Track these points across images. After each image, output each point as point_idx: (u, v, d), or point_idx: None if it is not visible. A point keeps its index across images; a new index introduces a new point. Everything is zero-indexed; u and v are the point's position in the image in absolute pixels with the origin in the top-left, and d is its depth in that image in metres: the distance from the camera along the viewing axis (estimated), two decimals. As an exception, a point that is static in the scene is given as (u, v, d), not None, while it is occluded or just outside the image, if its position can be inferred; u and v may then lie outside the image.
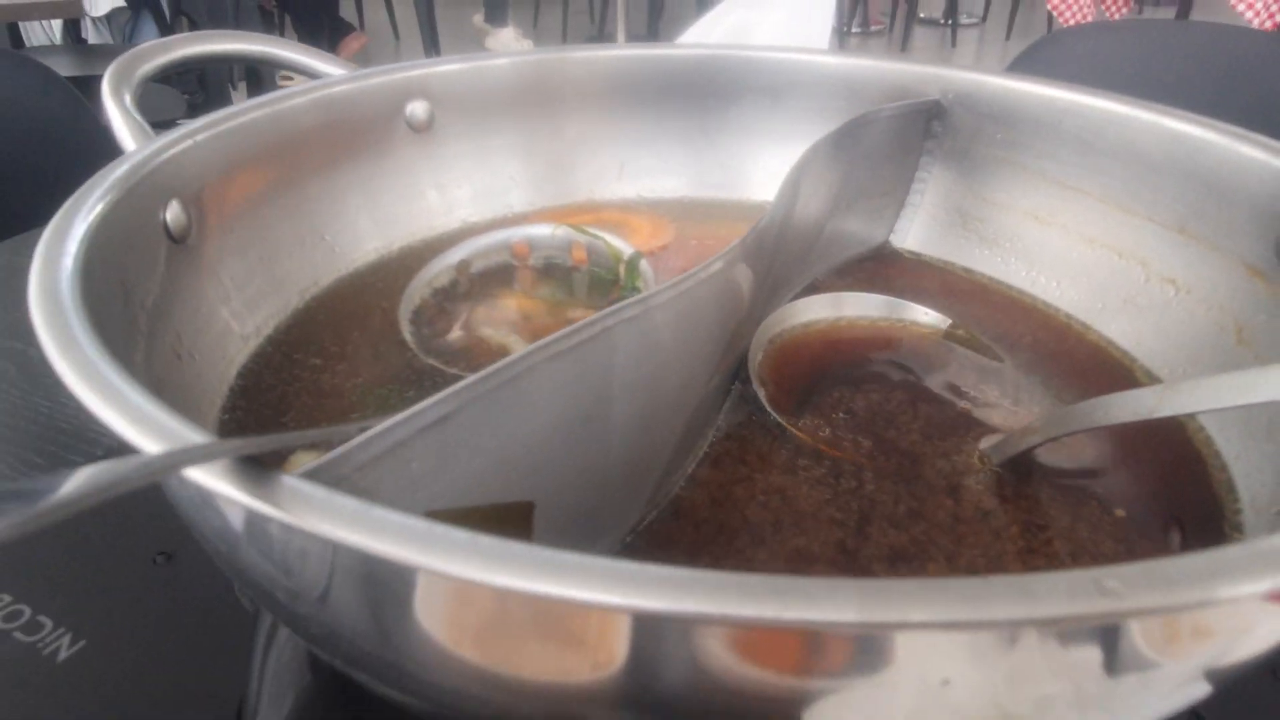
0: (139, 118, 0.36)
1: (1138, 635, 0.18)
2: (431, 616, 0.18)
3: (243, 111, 0.37)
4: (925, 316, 0.40)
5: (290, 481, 0.16)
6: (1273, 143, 0.34)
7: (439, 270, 0.41)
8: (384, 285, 0.42)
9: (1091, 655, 0.18)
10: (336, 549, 0.16)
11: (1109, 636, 0.17)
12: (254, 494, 0.15)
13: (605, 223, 0.47)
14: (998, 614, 0.14)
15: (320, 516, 0.15)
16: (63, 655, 0.28)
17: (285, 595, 0.20)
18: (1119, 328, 0.39)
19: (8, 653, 0.28)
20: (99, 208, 0.28)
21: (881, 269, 0.46)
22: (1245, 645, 0.20)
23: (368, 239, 0.43)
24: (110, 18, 2.68)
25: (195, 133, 0.34)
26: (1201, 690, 0.21)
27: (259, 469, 0.16)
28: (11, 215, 0.83)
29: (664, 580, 0.14)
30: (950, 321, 0.40)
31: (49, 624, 0.29)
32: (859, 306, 0.40)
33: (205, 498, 0.18)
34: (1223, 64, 1.00)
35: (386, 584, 0.17)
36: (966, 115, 0.45)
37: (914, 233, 0.48)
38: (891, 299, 0.40)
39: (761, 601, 0.14)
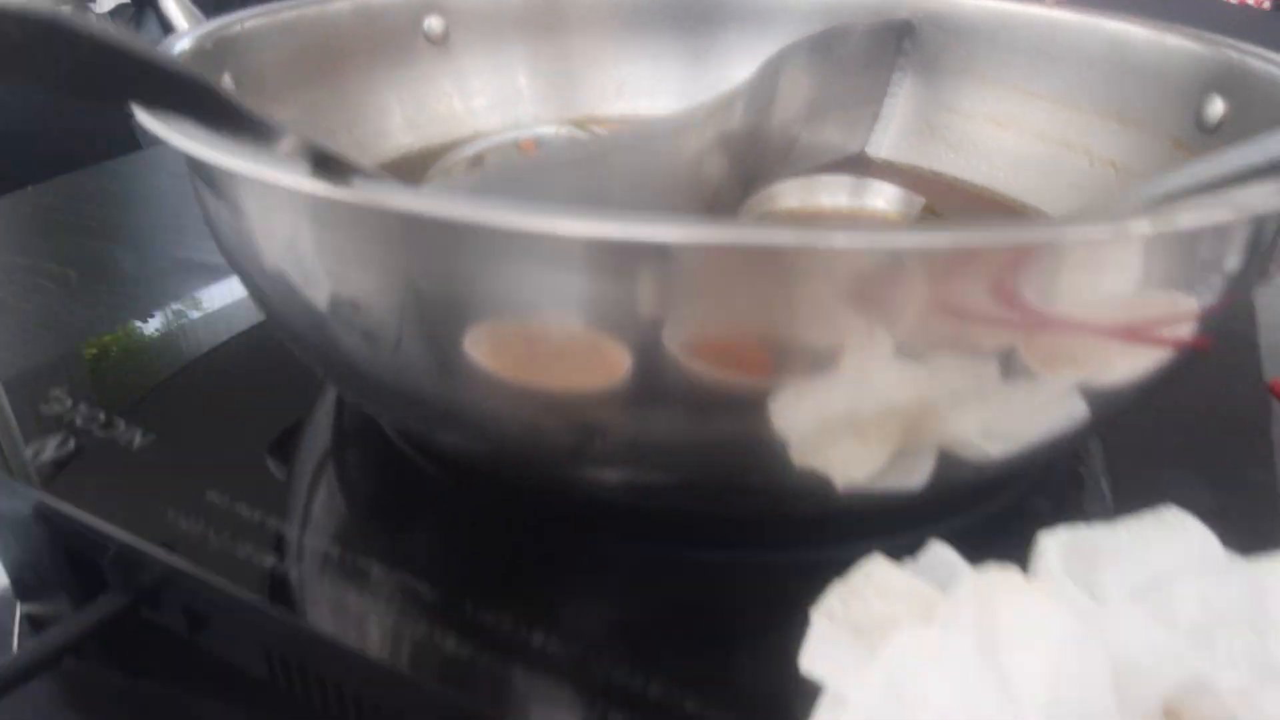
0: (189, 3, 0.40)
1: (1023, 351, 0.23)
2: (479, 343, 0.23)
3: (290, 7, 0.41)
4: (897, 202, 0.45)
5: (361, 178, 0.20)
6: (1190, 30, 0.39)
7: (456, 160, 0.46)
8: (408, 176, 0.46)
9: (988, 362, 0.23)
10: (409, 236, 0.20)
11: (1002, 351, 0.22)
12: (332, 181, 0.20)
13: (605, 134, 0.51)
14: (902, 243, 0.18)
15: (396, 197, 0.20)
16: (137, 443, 0.33)
17: (359, 346, 0.25)
18: (1067, 208, 0.44)
19: (90, 443, 0.33)
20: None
21: (855, 171, 0.51)
22: (1109, 371, 0.25)
23: (393, 138, 0.48)
24: (115, 14, 2.73)
25: (244, 19, 0.39)
26: (1081, 410, 0.25)
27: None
28: (28, 172, 0.88)
29: (651, 219, 0.19)
30: (924, 200, 0.44)
31: (122, 423, 0.34)
32: (835, 187, 0.44)
33: (285, 204, 0.22)
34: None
35: (449, 295, 0.21)
36: (935, 32, 0.50)
37: (886, 143, 0.53)
38: (866, 179, 0.45)
39: (724, 230, 0.18)
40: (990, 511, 0.31)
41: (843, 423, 0.24)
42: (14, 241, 0.71)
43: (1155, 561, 0.24)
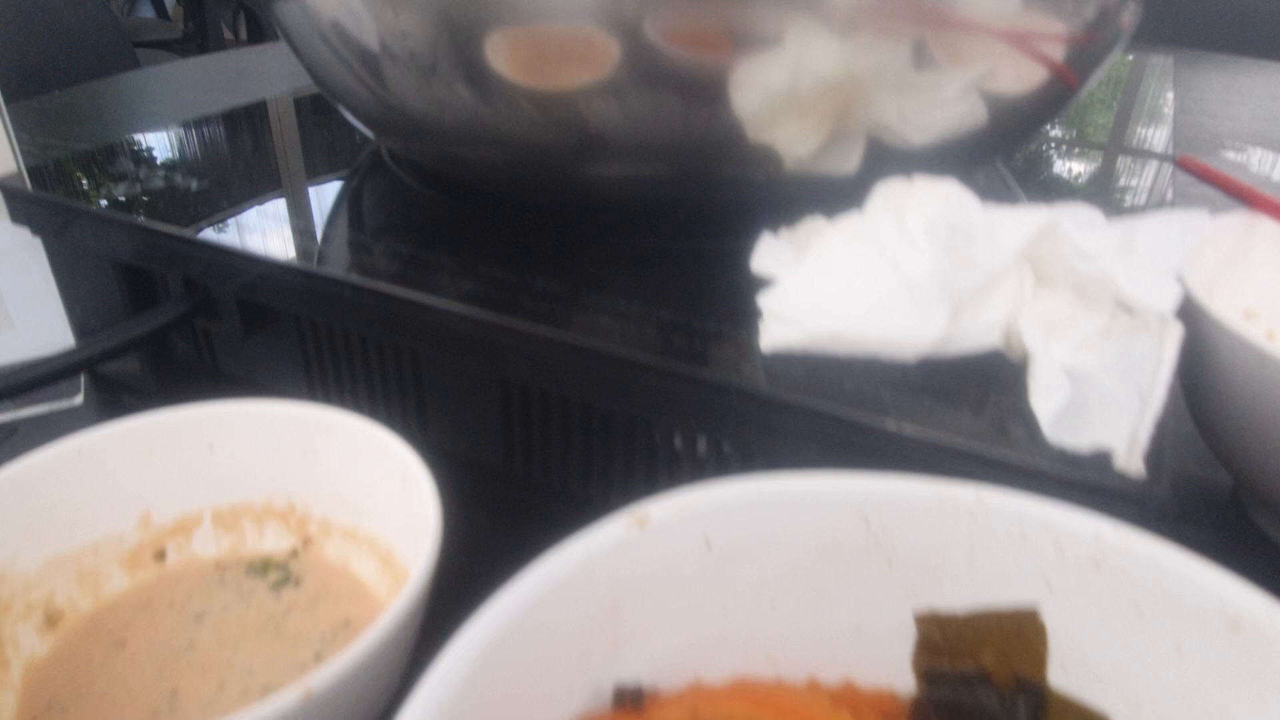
0: None
1: (933, 47, 0.28)
2: (498, 50, 0.28)
3: None
4: None
5: None
6: None
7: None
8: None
9: (903, 46, 0.28)
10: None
11: (914, 40, 0.27)
12: None
13: None
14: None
15: None
16: (194, 188, 0.38)
17: (405, 80, 0.30)
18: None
19: (156, 189, 0.38)
20: None
21: None
22: (997, 76, 0.30)
23: None
24: (110, -1, 2.78)
25: None
26: (979, 111, 0.31)
27: None
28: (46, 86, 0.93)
29: None
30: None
31: (179, 176, 0.39)
32: None
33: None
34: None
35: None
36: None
37: None
38: None
39: None
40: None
41: (787, 99, 0.29)
42: (49, 129, 0.76)
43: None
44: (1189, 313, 0.30)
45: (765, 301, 0.25)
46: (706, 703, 0.20)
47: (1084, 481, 0.23)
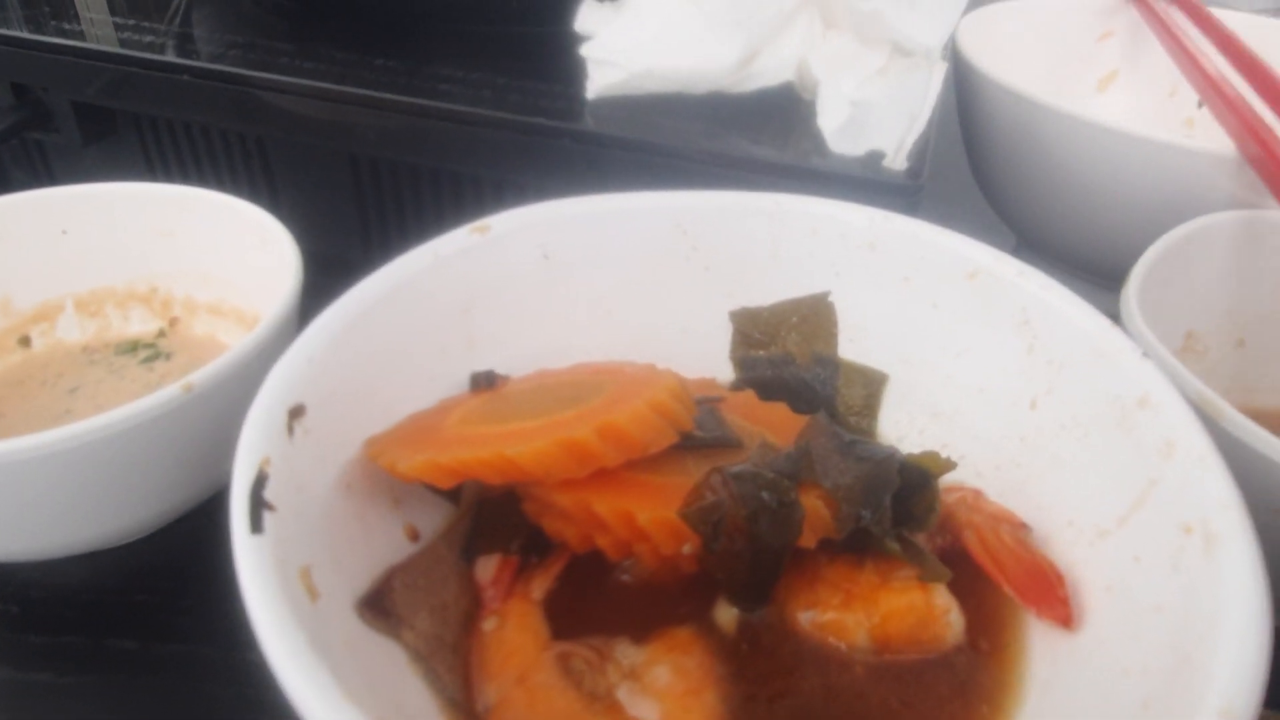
0: None
1: None
2: None
3: None
4: None
5: None
6: None
7: None
8: None
9: None
10: None
11: None
12: None
13: None
14: None
15: None
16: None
17: None
18: None
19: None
20: None
21: None
22: None
23: None
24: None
25: None
26: None
27: None
28: None
29: None
30: None
31: None
32: None
33: None
34: None
35: None
36: None
37: None
38: None
39: None
40: None
41: None
42: None
43: None
44: (961, 68, 0.35)
45: (588, 50, 0.28)
46: (551, 377, 0.24)
47: (860, 178, 0.27)
